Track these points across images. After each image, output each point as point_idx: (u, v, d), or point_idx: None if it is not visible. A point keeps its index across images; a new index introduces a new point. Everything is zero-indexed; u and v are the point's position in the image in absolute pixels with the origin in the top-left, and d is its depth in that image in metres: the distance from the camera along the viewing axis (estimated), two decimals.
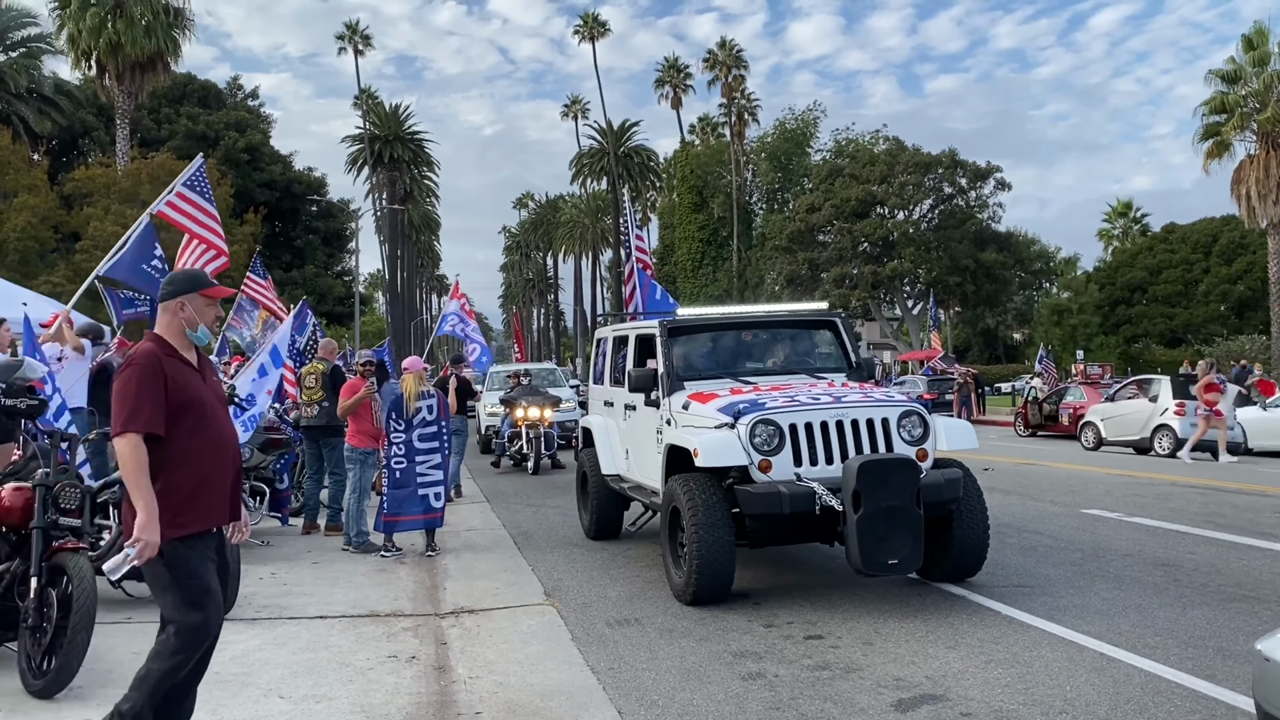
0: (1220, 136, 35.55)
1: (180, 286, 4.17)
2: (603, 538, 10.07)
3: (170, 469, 3.92)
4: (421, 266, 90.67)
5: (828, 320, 9.20)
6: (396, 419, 9.33)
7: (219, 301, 4.28)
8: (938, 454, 7.41)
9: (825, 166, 52.51)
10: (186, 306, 4.15)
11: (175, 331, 4.13)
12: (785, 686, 5.34)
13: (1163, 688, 5.14)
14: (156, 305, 4.20)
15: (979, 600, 7.09)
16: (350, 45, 66.17)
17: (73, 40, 34.62)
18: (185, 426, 3.96)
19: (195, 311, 4.15)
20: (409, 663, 5.87)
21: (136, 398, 3.87)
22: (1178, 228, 54.23)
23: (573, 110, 79.07)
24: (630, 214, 16.49)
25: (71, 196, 31.48)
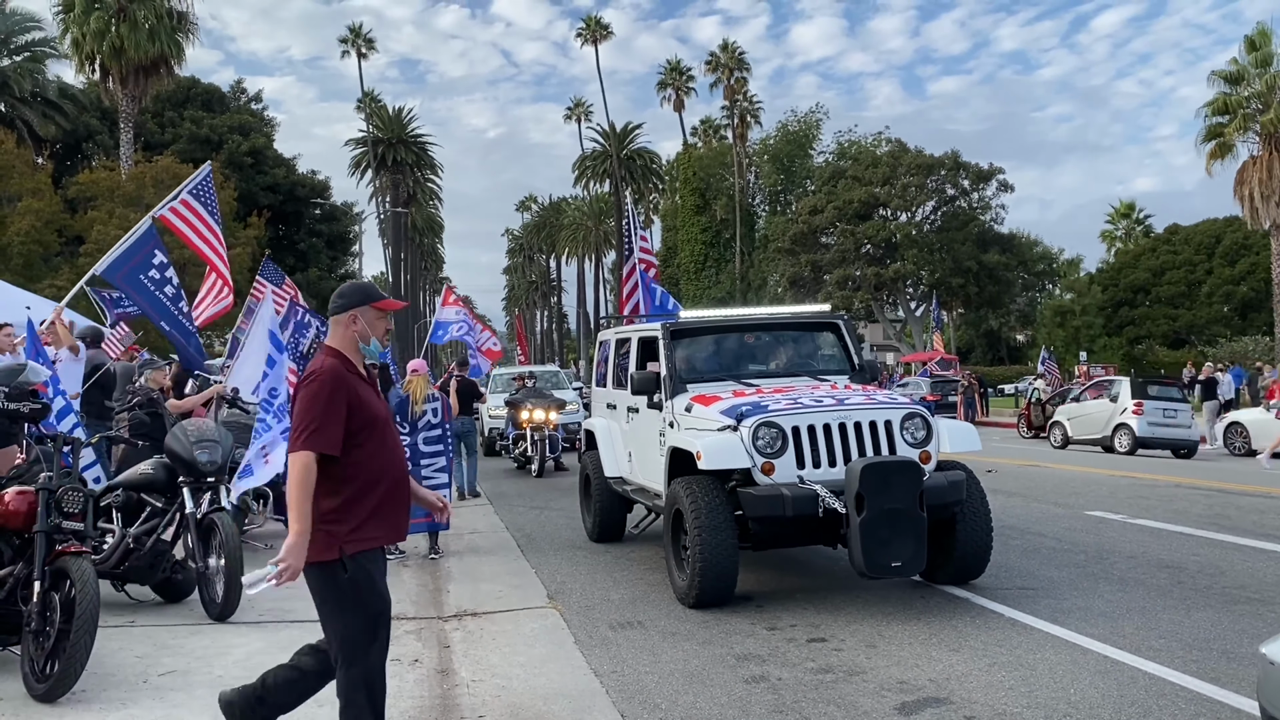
0: (1223, 138, 35.52)
1: (352, 299, 4.11)
2: (606, 540, 10.07)
3: (355, 484, 3.87)
4: (425, 269, 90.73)
5: (830, 322, 9.19)
6: (401, 422, 9.32)
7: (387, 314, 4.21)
8: (941, 456, 7.40)
9: (828, 168, 52.52)
10: (359, 319, 4.09)
11: (349, 345, 4.08)
12: (788, 689, 5.34)
13: (1167, 690, 5.13)
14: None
15: (982, 603, 7.08)
16: (353, 49, 66.26)
17: (76, 44, 34.71)
18: (369, 441, 3.92)
19: (367, 324, 4.10)
20: (412, 666, 5.88)
21: (322, 415, 3.80)
22: (1180, 229, 54.15)
23: (576, 113, 79.14)
24: (633, 216, 16.47)
25: (75, 200, 31.51)
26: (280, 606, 7.31)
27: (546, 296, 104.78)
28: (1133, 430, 20.34)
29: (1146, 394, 20.66)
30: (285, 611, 7.17)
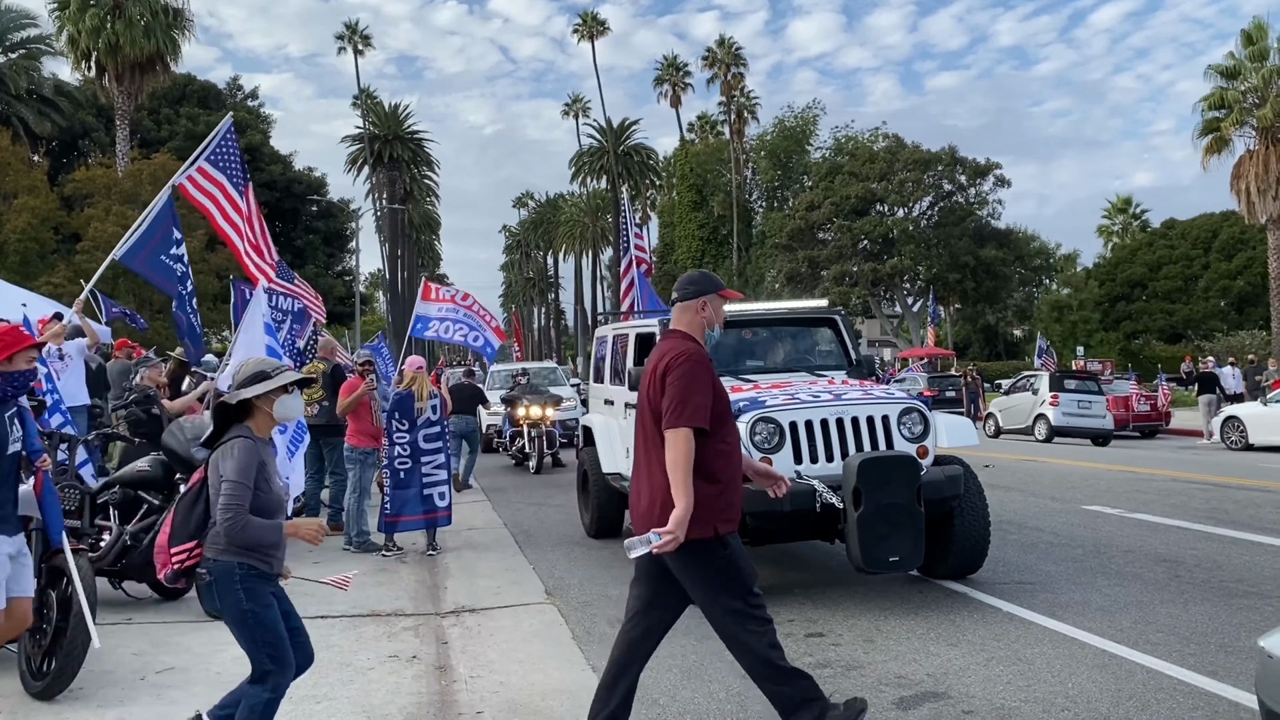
0: (1220, 132, 35.55)
1: (703, 286, 4.27)
2: (604, 536, 10.07)
3: (724, 466, 4.04)
4: (422, 266, 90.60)
5: (827, 318, 9.19)
6: (400, 419, 9.30)
7: None
8: (938, 451, 7.40)
9: (825, 164, 52.53)
10: (708, 306, 4.25)
11: (698, 329, 4.23)
12: None
13: (1164, 684, 5.13)
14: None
15: (980, 597, 7.08)
16: (350, 45, 66.17)
17: (72, 41, 34.64)
18: (728, 424, 4.13)
19: (714, 311, 4.26)
20: (410, 662, 5.87)
21: (691, 393, 3.96)
22: (1177, 223, 54.18)
23: (573, 109, 79.04)
24: (629, 213, 16.48)
25: (72, 198, 31.47)
26: None
27: (544, 293, 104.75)
28: (1049, 420, 22.71)
29: (1063, 387, 23.07)
30: None
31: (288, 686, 3.99)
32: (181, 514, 3.94)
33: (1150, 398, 25.32)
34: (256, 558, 3.87)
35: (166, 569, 3.95)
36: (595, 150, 73.82)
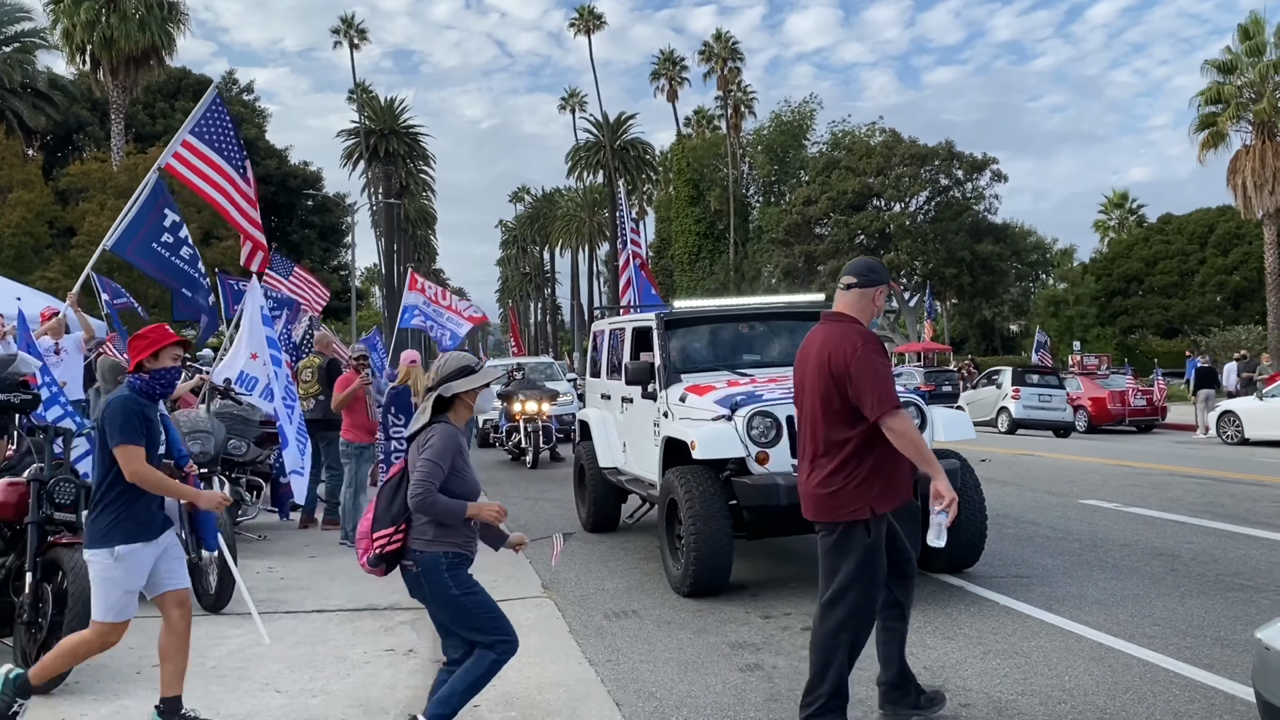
0: (1216, 127, 35.55)
1: (881, 276, 4.45)
2: (600, 530, 10.07)
3: (877, 447, 4.19)
4: (418, 261, 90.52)
5: (823, 312, 9.16)
6: (396, 413, 9.27)
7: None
8: (935, 445, 7.39)
9: (822, 159, 52.46)
10: (879, 297, 4.38)
11: (866, 317, 4.39)
12: (783, 678, 5.33)
13: (1161, 677, 5.14)
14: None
15: (977, 591, 7.09)
16: (345, 39, 65.99)
17: (67, 35, 34.52)
18: None
19: (881, 302, 4.44)
20: (406, 656, 5.87)
21: (885, 376, 4.16)
22: (1174, 218, 54.18)
23: (570, 103, 78.89)
24: (625, 208, 16.46)
25: (66, 192, 31.36)
26: (274, 597, 7.30)
27: (540, 288, 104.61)
28: (1010, 413, 23.78)
29: (1025, 382, 24.16)
30: (279, 602, 7.17)
31: (514, 652, 4.28)
32: (384, 501, 4.16)
33: (1146, 392, 25.35)
34: (458, 544, 4.14)
35: (368, 553, 4.17)
36: (592, 145, 73.69)
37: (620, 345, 9.58)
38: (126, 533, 4.40)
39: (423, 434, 4.20)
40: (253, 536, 9.58)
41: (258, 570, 8.17)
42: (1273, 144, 34.32)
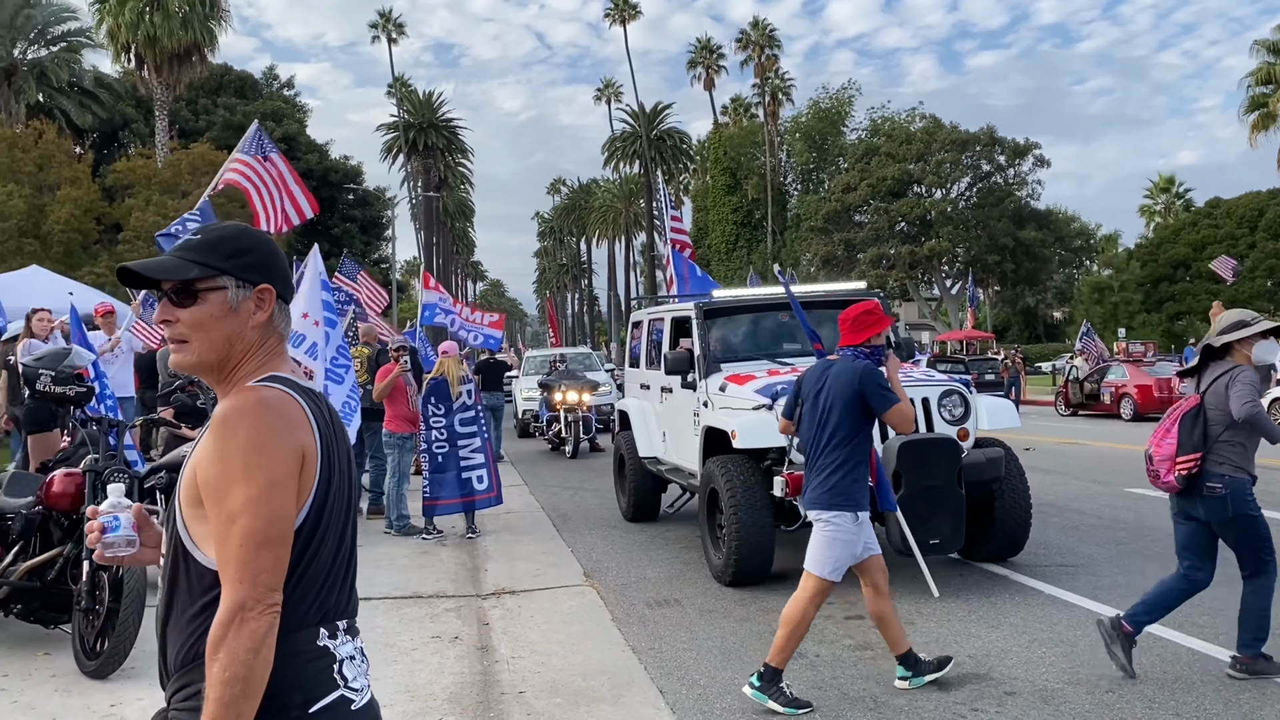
0: (1267, 108, 34.88)
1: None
2: (641, 520, 10.10)
3: None
4: (457, 253, 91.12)
5: (864, 300, 9.12)
6: (437, 403, 9.39)
7: None
8: (979, 434, 7.34)
9: (861, 146, 52.06)
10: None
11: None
12: (827, 666, 5.34)
13: (1211, 667, 5.08)
14: None
15: (1022, 580, 7.03)
16: (383, 33, 66.37)
17: (111, 34, 35.07)
18: None
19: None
20: (452, 643, 5.94)
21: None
22: (1222, 202, 53.09)
23: (605, 94, 78.85)
24: (665, 196, 16.44)
25: (113, 188, 31.91)
26: None
27: (577, 279, 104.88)
28: None
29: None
30: None
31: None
32: (1185, 430, 4.86)
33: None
34: (1250, 470, 4.84)
35: (1170, 475, 4.92)
36: (628, 135, 73.62)
37: (660, 335, 9.60)
38: (864, 498, 4.88)
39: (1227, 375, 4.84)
40: None
41: None
42: None
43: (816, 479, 4.90)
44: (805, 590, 4.88)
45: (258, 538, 1.64)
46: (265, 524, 1.64)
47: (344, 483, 1.82)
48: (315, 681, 1.73)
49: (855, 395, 4.79)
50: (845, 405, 4.81)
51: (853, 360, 4.95)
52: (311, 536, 1.74)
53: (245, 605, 1.62)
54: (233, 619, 1.61)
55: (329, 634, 1.77)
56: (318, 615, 1.75)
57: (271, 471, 1.67)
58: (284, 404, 1.75)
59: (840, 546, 4.82)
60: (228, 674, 1.60)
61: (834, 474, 4.82)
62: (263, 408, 1.72)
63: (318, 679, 1.73)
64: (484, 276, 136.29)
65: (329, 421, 1.81)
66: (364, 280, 16.19)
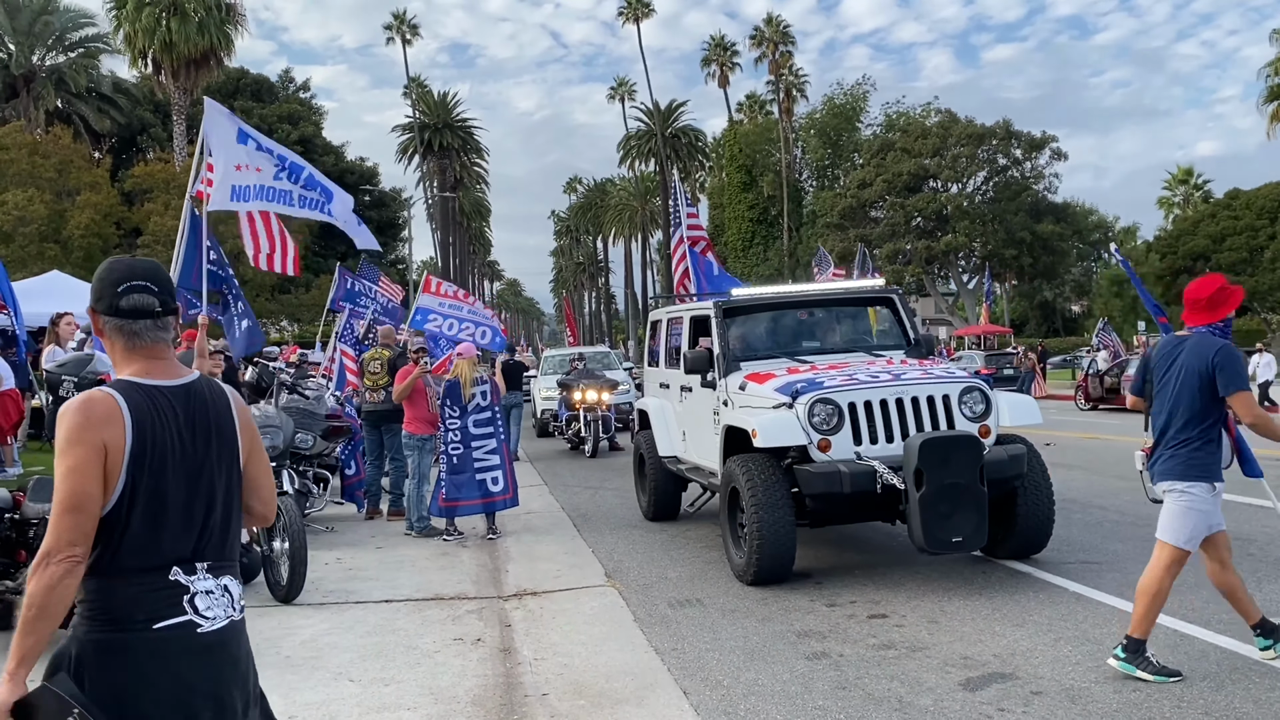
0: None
1: None
2: (661, 519, 10.09)
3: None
4: (473, 253, 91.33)
5: (884, 297, 9.09)
6: (451, 405, 9.41)
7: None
8: (1000, 430, 7.29)
9: (876, 141, 51.85)
10: None
11: None
12: (851, 666, 5.31)
13: (1239, 664, 5.03)
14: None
15: (1045, 577, 6.98)
16: (398, 35, 66.58)
17: (129, 39, 35.35)
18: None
19: None
20: (475, 645, 5.94)
21: None
22: (1241, 193, 52.57)
23: (619, 92, 78.80)
24: (680, 193, 16.39)
25: (132, 193, 32.15)
26: (343, 588, 7.44)
27: (594, 278, 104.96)
28: None
29: None
30: (348, 593, 7.30)
31: None
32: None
33: None
34: None
35: None
36: (643, 133, 73.59)
37: (679, 334, 9.58)
38: (1218, 469, 4.99)
39: None
40: (320, 528, 9.76)
41: (326, 561, 8.33)
42: None
43: (1168, 452, 4.99)
44: (1160, 560, 4.98)
45: (62, 506, 2.19)
46: (67, 497, 2.19)
47: (176, 456, 2.30)
48: (162, 606, 2.23)
49: (1209, 371, 4.86)
50: (1200, 380, 4.88)
51: (1209, 336, 5.02)
52: (133, 504, 2.23)
53: (50, 553, 2.17)
54: (40, 562, 2.17)
55: (185, 572, 2.27)
56: (168, 559, 2.26)
57: (73, 460, 2.20)
58: (94, 406, 2.25)
59: (1196, 516, 4.90)
60: (30, 601, 2.17)
61: (1187, 446, 4.91)
62: (73, 410, 2.25)
63: (164, 605, 2.24)
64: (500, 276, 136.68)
65: (159, 411, 2.30)
66: (383, 283, 16.54)
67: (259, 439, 2.58)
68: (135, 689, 2.20)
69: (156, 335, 2.39)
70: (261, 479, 2.58)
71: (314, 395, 9.93)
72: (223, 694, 2.30)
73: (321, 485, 10.07)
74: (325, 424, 10.00)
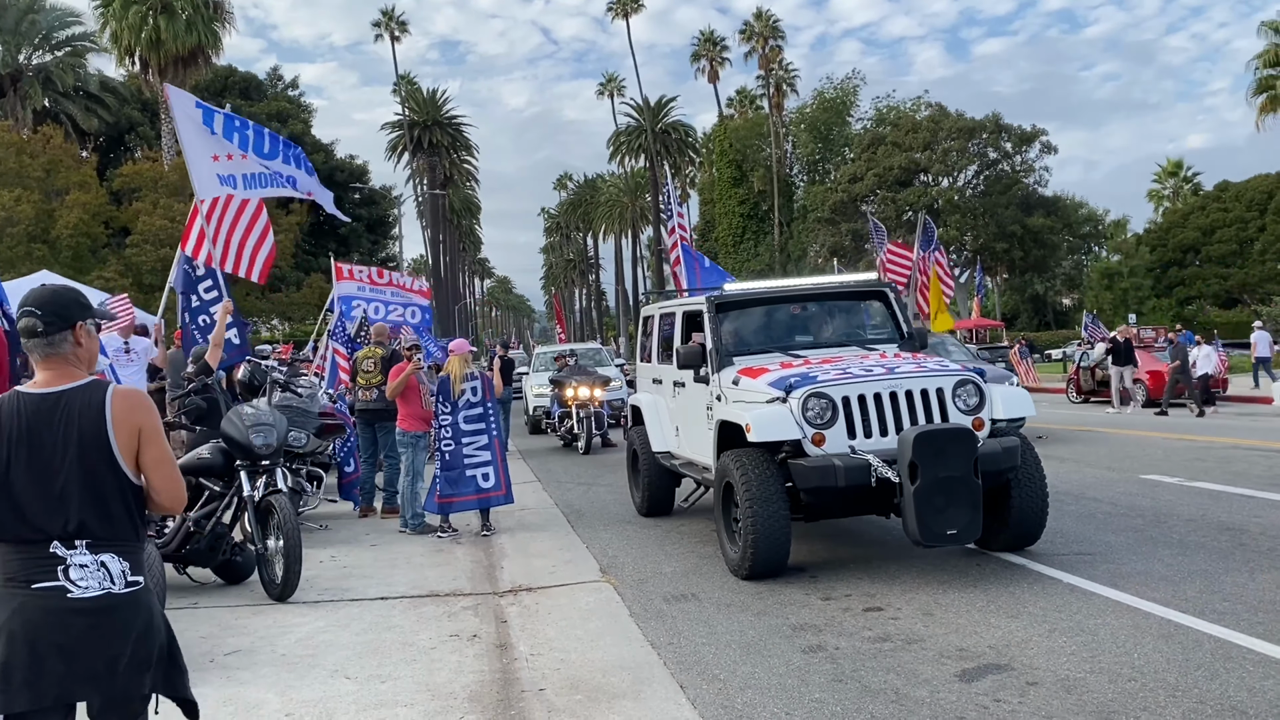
0: (1275, 90, 34.64)
1: None
2: (655, 515, 10.10)
3: None
4: (463, 250, 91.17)
5: (877, 290, 9.10)
6: (443, 401, 9.42)
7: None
8: (993, 422, 7.31)
9: (867, 135, 51.94)
10: None
11: None
12: (847, 659, 5.32)
13: (1234, 653, 5.05)
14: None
15: (1040, 569, 7.01)
16: (387, 32, 66.37)
17: (115, 38, 35.15)
18: None
19: None
20: (471, 641, 5.94)
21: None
22: (1231, 185, 52.86)
23: (608, 88, 78.77)
24: (671, 190, 16.40)
25: (120, 192, 32.00)
26: (338, 585, 7.43)
27: (585, 274, 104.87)
28: None
29: None
30: (343, 590, 7.29)
31: None
32: None
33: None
34: None
35: None
36: (633, 129, 73.52)
37: (671, 330, 9.58)
38: None
39: None
40: (315, 526, 9.74)
41: (321, 559, 8.32)
42: None
43: None
44: None
45: None
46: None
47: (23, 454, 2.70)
48: (39, 571, 2.67)
49: None
50: None
51: None
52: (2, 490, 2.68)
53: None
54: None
55: (64, 547, 2.69)
56: (46, 535, 2.68)
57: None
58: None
59: None
60: None
61: None
62: None
63: (41, 570, 2.67)
64: (491, 273, 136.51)
65: (16, 415, 2.73)
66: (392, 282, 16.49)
67: (152, 436, 2.82)
68: (9, 627, 2.65)
69: (45, 350, 2.79)
70: (153, 472, 2.83)
71: (307, 393, 9.91)
72: (80, 651, 2.66)
73: (315, 483, 10.06)
74: (319, 422, 9.98)
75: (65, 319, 2.80)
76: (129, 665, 2.69)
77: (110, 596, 2.69)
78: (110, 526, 2.74)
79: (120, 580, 2.71)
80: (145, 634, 2.73)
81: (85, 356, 2.86)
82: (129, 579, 2.73)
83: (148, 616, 2.76)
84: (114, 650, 2.68)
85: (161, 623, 2.83)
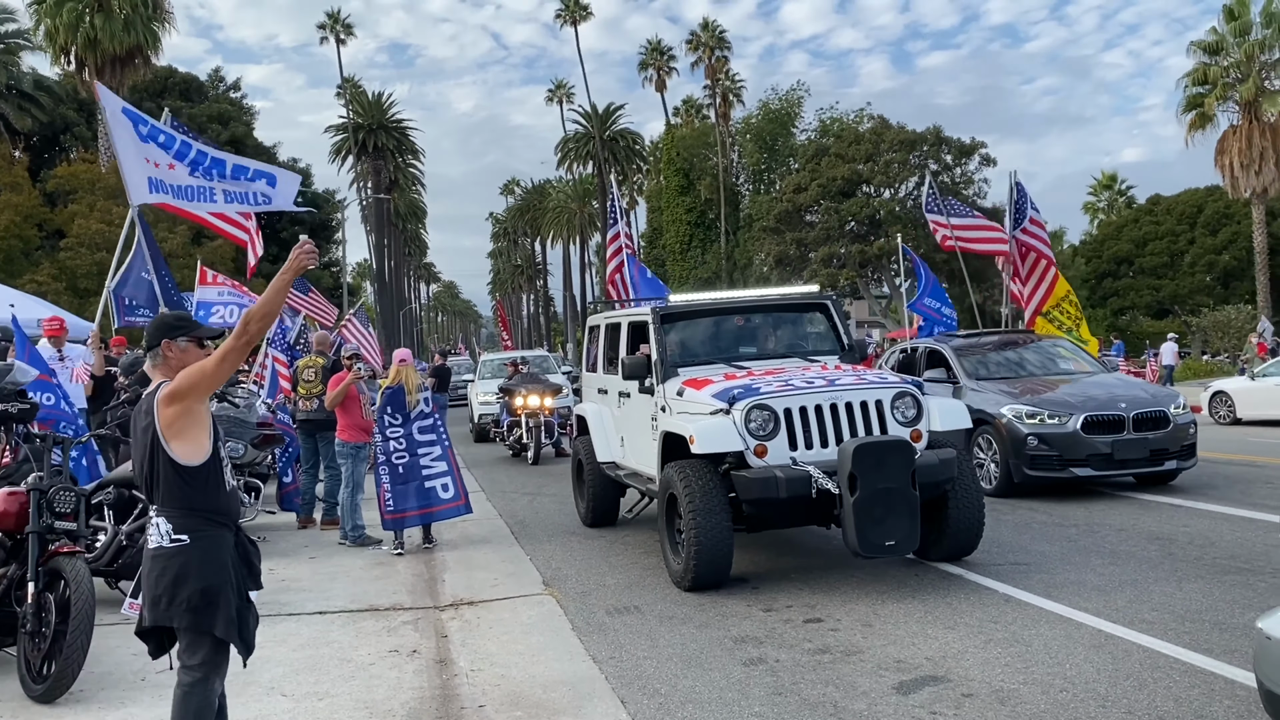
0: (1203, 108, 35.63)
1: None
2: (600, 525, 10.08)
3: None
4: (409, 255, 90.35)
5: (819, 303, 9.20)
6: (394, 412, 9.26)
7: None
8: (932, 433, 7.42)
9: (811, 146, 52.41)
10: None
11: None
12: (786, 671, 5.36)
13: (1161, 663, 5.18)
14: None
15: (976, 579, 7.12)
16: (332, 34, 65.65)
17: (50, 35, 34.33)
18: None
19: None
20: (410, 657, 5.88)
21: None
22: (1163, 199, 54.24)
23: (557, 95, 78.66)
24: (618, 199, 16.38)
25: (55, 194, 31.23)
26: (275, 600, 7.30)
27: (532, 280, 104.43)
28: None
29: None
30: (280, 605, 7.17)
31: None
32: None
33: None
34: None
35: None
36: (581, 136, 73.49)
37: (617, 339, 9.58)
38: None
39: None
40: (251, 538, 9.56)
41: None
42: (1259, 124, 34.43)
43: None
44: None
45: None
46: None
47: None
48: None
49: None
50: None
51: None
52: None
53: None
54: None
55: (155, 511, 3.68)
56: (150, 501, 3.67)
57: None
58: None
59: None
60: None
61: None
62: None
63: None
64: (438, 278, 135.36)
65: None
66: (314, 296, 16.43)
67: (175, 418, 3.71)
68: None
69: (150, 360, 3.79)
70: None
71: (244, 403, 9.74)
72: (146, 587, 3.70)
73: (253, 495, 9.88)
74: (256, 432, 9.81)
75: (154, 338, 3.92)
76: (166, 603, 3.61)
77: (160, 549, 3.64)
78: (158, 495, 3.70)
79: (166, 537, 3.63)
80: (175, 581, 3.60)
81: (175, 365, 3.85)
82: (173, 537, 3.63)
83: (177, 569, 3.62)
84: (156, 590, 3.63)
85: (196, 575, 3.62)
